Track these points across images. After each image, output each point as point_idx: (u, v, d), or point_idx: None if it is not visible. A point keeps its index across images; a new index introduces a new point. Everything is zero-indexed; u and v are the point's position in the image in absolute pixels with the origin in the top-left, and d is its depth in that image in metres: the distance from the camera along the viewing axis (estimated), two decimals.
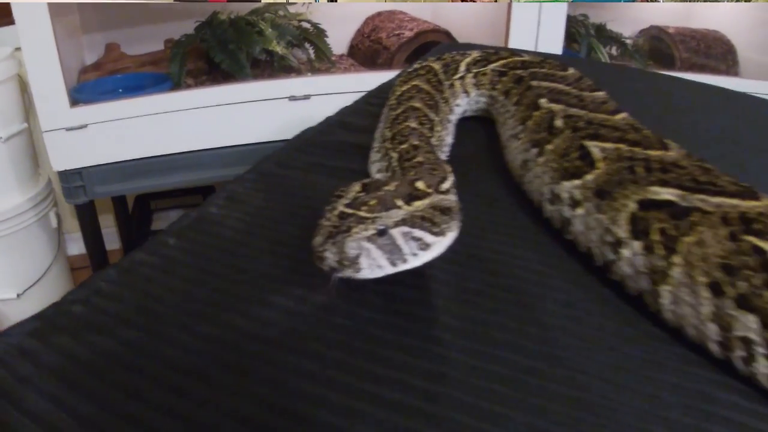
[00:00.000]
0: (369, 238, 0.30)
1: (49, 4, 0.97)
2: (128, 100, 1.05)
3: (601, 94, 0.46)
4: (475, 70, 0.54)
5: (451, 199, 0.35)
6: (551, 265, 0.36)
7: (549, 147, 0.41)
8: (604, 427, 0.26)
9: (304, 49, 1.21)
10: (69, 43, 1.15)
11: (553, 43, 1.15)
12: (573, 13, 1.37)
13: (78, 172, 1.06)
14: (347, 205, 0.32)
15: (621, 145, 0.37)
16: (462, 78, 0.54)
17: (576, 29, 1.33)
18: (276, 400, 0.27)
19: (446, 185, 0.35)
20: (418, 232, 0.32)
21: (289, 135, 1.10)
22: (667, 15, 1.56)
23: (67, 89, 1.03)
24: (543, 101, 0.44)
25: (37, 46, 0.99)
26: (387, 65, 1.19)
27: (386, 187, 0.33)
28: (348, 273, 0.31)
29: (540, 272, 0.35)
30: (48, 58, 1.00)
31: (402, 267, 0.32)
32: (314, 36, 1.20)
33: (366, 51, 1.27)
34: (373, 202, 0.32)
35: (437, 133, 0.46)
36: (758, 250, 0.29)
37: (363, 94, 0.67)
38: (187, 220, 0.41)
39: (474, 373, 0.28)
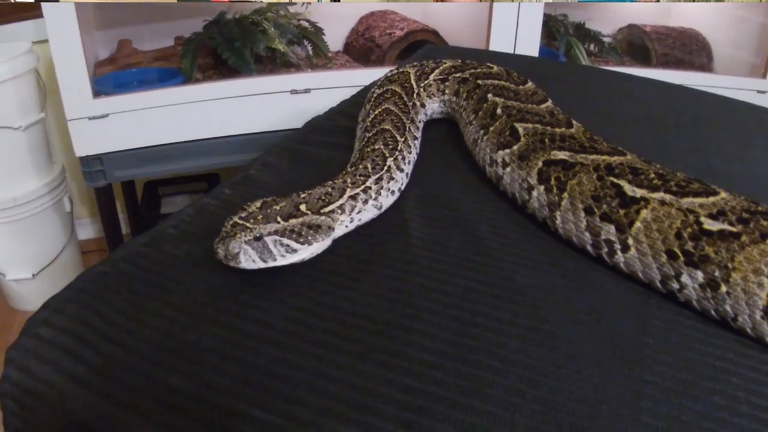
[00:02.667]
0: (247, 242, 0.46)
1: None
2: (145, 92, 1.27)
3: (530, 85, 0.69)
4: (422, 84, 0.74)
5: (324, 219, 0.50)
6: (487, 204, 0.59)
7: (491, 128, 0.63)
8: (506, 287, 0.48)
9: (303, 47, 1.43)
10: (86, 39, 1.36)
11: (531, 40, 1.37)
12: (554, 12, 1.61)
13: (98, 158, 1.28)
14: (242, 218, 0.48)
15: (538, 125, 0.60)
16: (418, 94, 0.72)
17: (556, 28, 1.57)
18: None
19: (329, 209, 0.51)
20: (285, 241, 0.48)
21: (289, 125, 1.33)
22: (646, 14, 1.80)
23: None
24: (489, 95, 0.67)
25: (64, 41, 1.20)
26: (379, 62, 1.42)
27: (275, 206, 0.49)
28: (232, 264, 0.47)
29: (479, 209, 0.58)
30: (74, 52, 1.21)
31: (272, 264, 0.47)
32: (312, 34, 1.43)
33: (360, 48, 1.50)
34: (260, 217, 0.48)
35: (399, 153, 0.59)
36: (615, 185, 0.52)
37: (356, 88, 0.90)
38: (236, 178, 0.64)
39: (433, 258, 0.51)
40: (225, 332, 0.44)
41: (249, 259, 0.47)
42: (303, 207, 0.50)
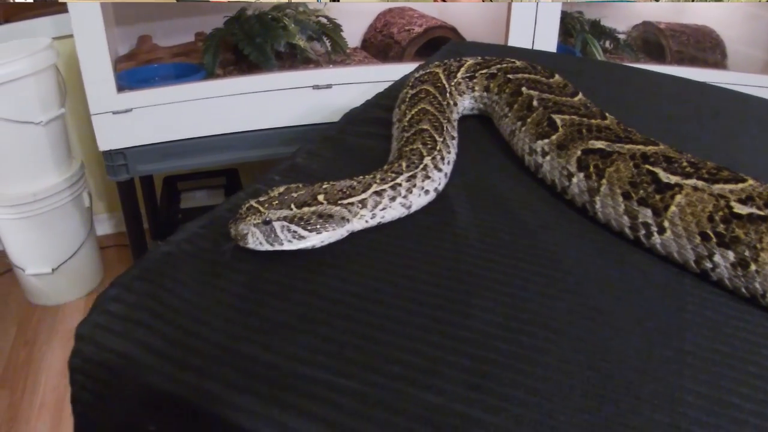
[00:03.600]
0: (255, 224, 0.50)
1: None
2: (168, 87, 1.31)
3: (558, 78, 0.74)
4: (452, 83, 0.78)
5: (338, 210, 0.53)
6: (528, 191, 0.64)
7: (529, 120, 0.68)
8: (552, 267, 0.53)
9: (323, 43, 1.47)
10: (107, 35, 1.41)
11: (548, 38, 1.42)
12: (569, 10, 1.65)
13: (122, 152, 1.32)
14: (258, 201, 0.52)
15: (574, 117, 0.65)
16: (450, 93, 0.75)
17: (572, 25, 1.61)
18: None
19: (347, 201, 0.53)
20: (293, 227, 0.51)
21: (310, 120, 1.37)
22: (660, 11, 1.85)
23: None
24: (524, 89, 0.71)
25: (89, 36, 1.24)
26: (398, 58, 1.47)
27: (294, 194, 0.53)
28: (241, 244, 0.51)
29: (520, 195, 0.63)
30: (98, 47, 1.25)
31: (279, 248, 0.51)
32: (331, 30, 1.47)
33: (378, 45, 1.54)
34: (275, 203, 0.52)
35: (438, 152, 0.61)
36: (650, 172, 0.56)
37: (377, 83, 0.94)
38: (283, 165, 0.68)
39: (483, 241, 0.56)
40: (294, 307, 0.49)
41: (256, 241, 0.51)
42: (320, 197, 0.53)
